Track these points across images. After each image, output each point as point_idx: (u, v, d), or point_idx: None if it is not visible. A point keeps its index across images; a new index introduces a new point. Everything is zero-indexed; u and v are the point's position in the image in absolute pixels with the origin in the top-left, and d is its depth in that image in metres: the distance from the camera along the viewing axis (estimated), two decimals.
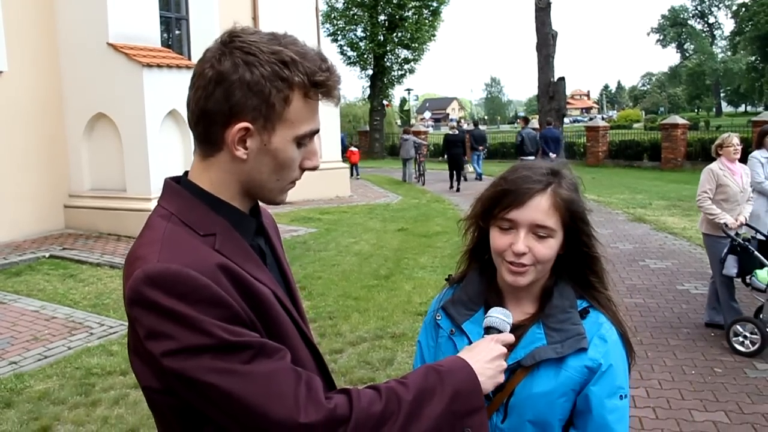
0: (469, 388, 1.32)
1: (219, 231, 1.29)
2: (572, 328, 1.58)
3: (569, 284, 1.66)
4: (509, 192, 1.58)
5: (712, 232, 6.40)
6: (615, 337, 1.60)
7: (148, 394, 1.28)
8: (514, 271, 1.58)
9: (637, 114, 77.80)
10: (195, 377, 1.15)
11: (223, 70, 1.23)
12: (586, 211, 1.62)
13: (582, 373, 1.55)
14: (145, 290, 1.16)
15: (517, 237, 1.56)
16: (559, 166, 1.64)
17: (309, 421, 1.16)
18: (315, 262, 9.74)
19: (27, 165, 11.44)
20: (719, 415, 4.79)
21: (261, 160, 1.29)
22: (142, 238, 1.29)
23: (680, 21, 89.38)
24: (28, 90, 11.39)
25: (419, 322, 6.90)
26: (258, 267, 1.33)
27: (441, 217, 14.38)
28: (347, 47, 38.28)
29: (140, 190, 11.17)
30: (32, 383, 5.50)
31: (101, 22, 11.18)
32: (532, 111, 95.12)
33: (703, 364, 5.73)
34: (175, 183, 1.36)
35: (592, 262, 1.65)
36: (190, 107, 1.30)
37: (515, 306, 1.67)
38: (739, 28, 70.95)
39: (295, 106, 1.27)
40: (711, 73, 79.19)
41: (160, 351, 1.16)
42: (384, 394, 1.26)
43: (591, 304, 1.64)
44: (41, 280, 8.79)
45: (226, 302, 1.19)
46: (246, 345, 1.18)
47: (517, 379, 1.58)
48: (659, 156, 24.73)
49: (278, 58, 1.24)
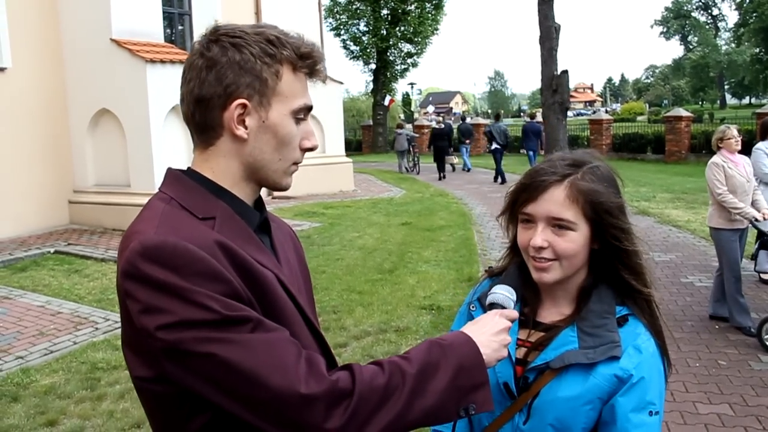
0: (473, 362, 1.30)
1: (219, 215, 1.28)
2: (607, 334, 1.51)
3: (610, 288, 1.58)
4: (526, 186, 1.56)
5: (723, 226, 6.31)
6: (652, 349, 1.52)
7: (139, 384, 1.25)
8: (538, 267, 1.54)
9: (640, 107, 77.60)
10: (191, 349, 1.13)
11: (212, 56, 1.27)
12: (614, 203, 1.53)
13: (611, 382, 1.48)
14: (141, 263, 1.15)
15: (535, 231, 1.53)
16: (585, 157, 1.58)
17: (310, 392, 1.14)
18: (319, 257, 9.75)
19: (31, 161, 11.48)
20: (724, 407, 4.79)
21: (262, 138, 1.30)
22: (139, 217, 1.28)
23: (684, 13, 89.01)
24: (32, 86, 11.42)
25: (423, 316, 6.92)
26: (259, 249, 1.31)
27: (445, 211, 14.38)
28: (350, 42, 38.23)
29: (144, 186, 11.19)
30: (38, 378, 5.53)
31: (104, 18, 11.21)
32: (535, 104, 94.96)
33: (708, 357, 5.73)
34: (177, 171, 1.37)
35: (625, 257, 1.56)
36: (185, 100, 1.31)
37: (552, 306, 1.63)
38: (743, 20, 70.71)
39: (287, 80, 1.30)
40: (715, 66, 78.93)
41: (155, 325, 1.13)
42: (387, 369, 1.23)
43: (632, 311, 1.56)
44: (46, 276, 8.82)
45: (224, 277, 1.17)
46: (244, 318, 1.16)
47: (544, 380, 1.53)
48: (663, 149, 24.67)
49: (264, 37, 1.29)
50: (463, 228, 12.11)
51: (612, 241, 1.54)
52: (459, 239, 11.02)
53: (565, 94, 25.92)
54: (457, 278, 8.41)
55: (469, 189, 18.33)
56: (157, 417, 1.31)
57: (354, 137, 38.06)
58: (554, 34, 26.17)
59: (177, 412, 1.24)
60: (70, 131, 12.10)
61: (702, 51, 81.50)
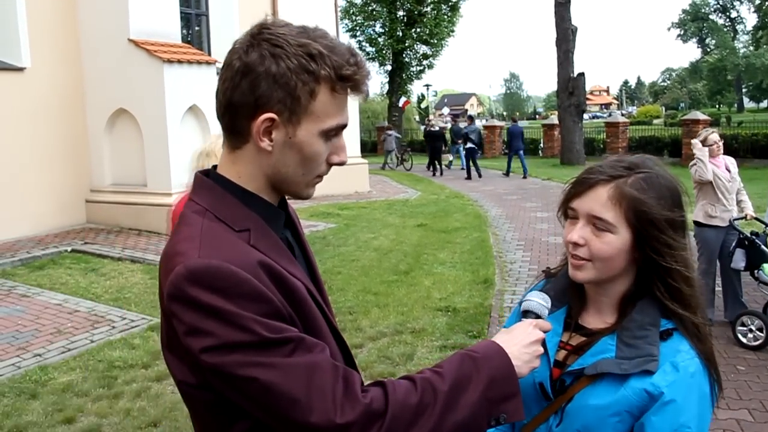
0: (505, 374, 1.31)
1: (252, 226, 1.29)
2: (646, 347, 1.47)
3: (655, 301, 1.53)
4: (576, 182, 1.56)
5: (708, 222, 6.53)
6: (693, 369, 1.45)
7: (184, 389, 1.28)
8: (573, 264, 1.54)
9: (657, 110, 77.25)
10: (234, 373, 1.15)
11: (249, 62, 1.23)
12: (662, 216, 1.48)
13: (641, 396, 1.44)
14: (186, 286, 1.17)
15: (575, 227, 1.53)
16: (642, 162, 1.54)
17: (345, 421, 1.16)
18: (334, 257, 9.75)
19: (49, 160, 11.56)
20: (742, 413, 4.75)
21: (286, 153, 1.29)
22: (179, 234, 1.29)
23: (701, 15, 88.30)
24: (50, 86, 11.50)
25: (439, 317, 6.91)
26: (291, 262, 1.33)
27: (460, 212, 14.34)
28: (366, 43, 38.23)
29: (161, 185, 11.24)
30: (56, 375, 5.57)
31: (122, 19, 11.26)
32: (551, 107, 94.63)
33: (726, 362, 5.67)
34: (205, 177, 1.36)
35: (665, 274, 1.49)
36: (218, 98, 1.30)
37: (595, 313, 1.61)
38: (761, 23, 70.19)
39: (322, 100, 1.26)
40: (732, 69, 78.28)
41: (200, 347, 1.16)
42: (420, 386, 1.25)
43: (677, 327, 1.50)
44: (64, 274, 8.88)
45: (267, 297, 1.19)
46: (286, 340, 1.18)
47: (580, 385, 1.51)
48: (680, 152, 24.46)
49: (305, 51, 1.23)
50: (479, 230, 12.08)
51: (651, 254, 1.49)
52: (474, 241, 10.99)
53: (581, 96, 25.91)
54: (473, 280, 8.38)
55: (485, 191, 18.28)
56: (201, 419, 1.34)
57: (369, 138, 38.03)
58: (571, 36, 26.15)
59: (220, 416, 1.27)
60: (87, 131, 12.17)
61: (720, 54, 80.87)
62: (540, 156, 30.05)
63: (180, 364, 1.25)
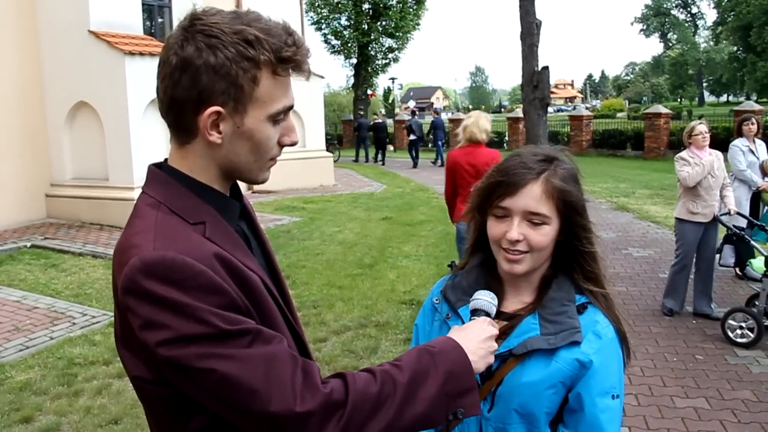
0: (462, 369, 1.33)
1: (208, 219, 1.28)
2: (568, 321, 1.57)
3: (569, 278, 1.65)
4: (502, 181, 1.59)
5: (688, 218, 6.51)
6: (611, 335, 1.59)
7: (139, 384, 1.26)
8: (510, 258, 1.59)
9: (620, 103, 78.01)
10: (191, 365, 1.14)
11: (186, 56, 1.21)
12: (581, 201, 1.62)
13: (572, 366, 1.54)
14: (141, 279, 1.15)
15: (511, 225, 1.57)
16: (555, 153, 1.64)
17: (305, 409, 1.16)
18: (299, 251, 9.72)
19: (7, 154, 11.32)
20: (700, 401, 4.84)
21: (236, 142, 1.28)
22: (133, 227, 1.27)
23: (663, 11, 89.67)
24: (7, 78, 11.26)
25: (403, 310, 6.92)
26: (246, 255, 1.32)
27: (425, 206, 14.39)
28: (331, 36, 38.09)
29: (123, 179, 11.10)
30: (13, 374, 5.46)
31: (82, 9, 11.08)
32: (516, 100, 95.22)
33: (685, 351, 5.78)
34: (158, 170, 1.35)
35: (584, 258, 1.64)
36: (159, 96, 1.28)
37: (514, 295, 1.69)
38: (721, 18, 71.25)
39: (265, 85, 1.25)
40: (693, 63, 79.71)
41: (156, 341, 1.14)
42: (379, 377, 1.26)
43: (590, 300, 1.63)
44: (23, 270, 8.71)
45: (223, 289, 1.18)
46: (243, 332, 1.17)
47: (507, 368, 1.58)
48: (642, 145, 24.82)
49: (242, 38, 1.21)
50: (444, 223, 12.06)
51: (573, 240, 1.62)
52: (439, 234, 11.03)
53: (545, 90, 25.87)
54: (438, 273, 8.40)
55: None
56: (156, 416, 1.32)
57: (335, 132, 37.95)
58: (535, 30, 26.18)
59: (176, 412, 1.26)
60: (47, 124, 11.95)
61: (681, 49, 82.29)
62: (505, 149, 30.18)
63: (135, 359, 1.23)
